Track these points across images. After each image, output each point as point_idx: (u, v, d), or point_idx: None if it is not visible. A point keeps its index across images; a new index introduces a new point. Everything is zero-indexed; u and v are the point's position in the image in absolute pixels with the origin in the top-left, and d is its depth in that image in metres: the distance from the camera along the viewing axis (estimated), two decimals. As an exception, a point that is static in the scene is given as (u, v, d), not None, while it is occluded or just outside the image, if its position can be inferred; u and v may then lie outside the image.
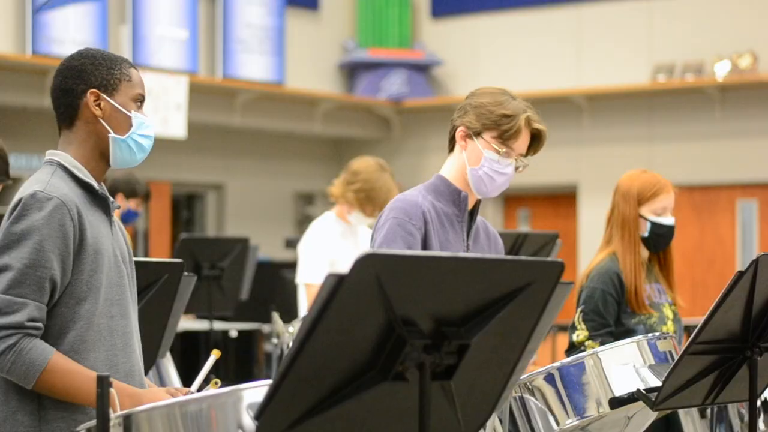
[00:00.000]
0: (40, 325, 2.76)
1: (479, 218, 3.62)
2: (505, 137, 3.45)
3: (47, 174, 2.88)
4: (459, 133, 3.51)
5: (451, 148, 3.56)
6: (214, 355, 3.07)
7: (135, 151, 2.96)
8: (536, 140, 3.50)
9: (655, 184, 4.47)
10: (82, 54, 2.98)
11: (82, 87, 2.93)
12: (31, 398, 2.79)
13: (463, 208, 3.51)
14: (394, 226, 3.38)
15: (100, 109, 2.93)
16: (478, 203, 3.57)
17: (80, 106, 2.93)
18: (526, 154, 3.50)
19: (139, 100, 2.98)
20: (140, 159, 2.99)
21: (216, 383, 3.06)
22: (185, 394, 2.95)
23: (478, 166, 3.47)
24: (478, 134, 3.47)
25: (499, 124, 3.45)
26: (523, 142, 3.47)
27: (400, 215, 3.40)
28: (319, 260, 5.77)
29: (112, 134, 2.93)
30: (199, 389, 3.07)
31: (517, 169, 3.49)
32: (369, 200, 5.69)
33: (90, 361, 2.81)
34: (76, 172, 2.90)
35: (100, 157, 2.95)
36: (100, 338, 2.83)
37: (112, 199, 2.96)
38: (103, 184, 2.98)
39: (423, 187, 3.54)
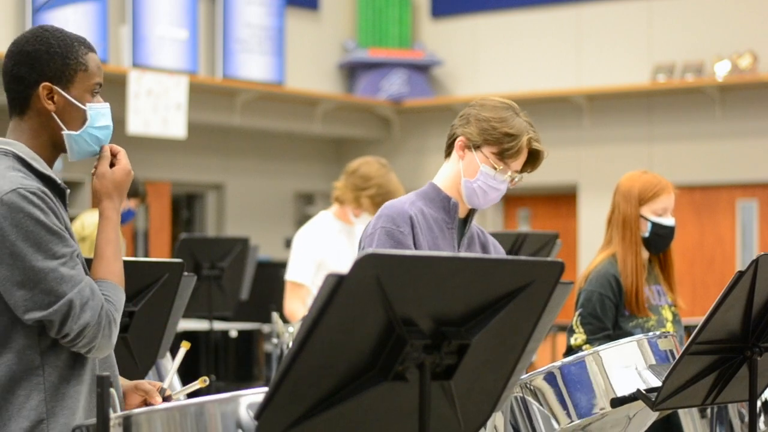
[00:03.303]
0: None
1: (476, 228, 3.62)
2: (505, 155, 3.46)
3: (7, 168, 2.73)
4: (458, 142, 3.51)
5: (448, 154, 3.56)
6: (184, 347, 3.05)
7: (92, 145, 2.85)
8: (534, 159, 3.51)
9: (656, 185, 4.47)
10: (37, 38, 2.80)
11: (34, 77, 2.78)
12: (33, 397, 2.73)
13: (452, 215, 3.50)
14: (383, 237, 3.39)
15: (53, 102, 2.79)
16: (472, 212, 3.57)
17: (31, 96, 2.79)
18: (521, 171, 3.51)
19: (96, 88, 2.84)
20: (98, 150, 2.87)
21: (204, 380, 3.05)
22: (159, 389, 2.94)
23: (474, 179, 3.48)
24: (477, 147, 3.48)
25: (500, 142, 3.45)
26: (521, 160, 3.48)
27: (388, 224, 3.40)
28: (306, 260, 5.78)
29: (65, 131, 2.80)
30: (189, 388, 3.04)
31: (512, 181, 3.49)
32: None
33: (78, 367, 2.77)
34: (35, 164, 2.77)
35: (54, 147, 2.83)
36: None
37: (68, 189, 2.86)
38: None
39: (414, 194, 3.55)
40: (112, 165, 2.90)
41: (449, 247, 3.49)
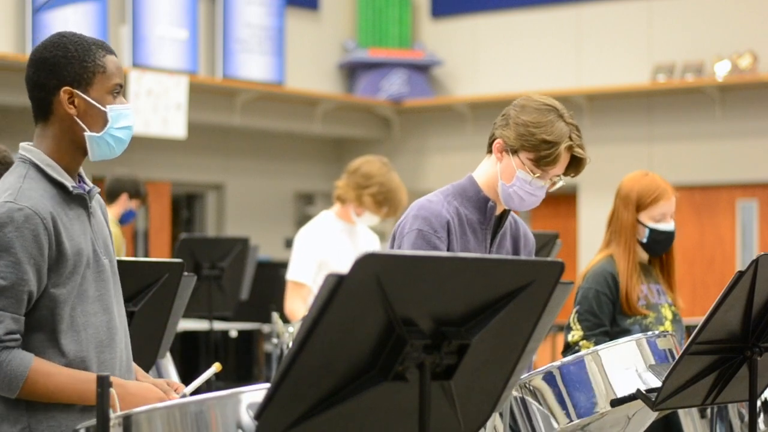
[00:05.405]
0: (17, 336, 2.68)
1: (510, 219, 3.56)
2: (542, 163, 3.37)
3: (18, 178, 2.77)
4: (496, 145, 3.43)
5: (490, 151, 3.48)
6: (215, 368, 3.06)
7: (114, 146, 2.86)
8: (577, 164, 3.42)
9: (655, 190, 4.45)
10: (54, 44, 2.83)
11: (55, 83, 2.81)
12: (17, 406, 2.73)
13: (488, 216, 3.45)
14: (419, 240, 3.33)
15: (75, 106, 2.81)
16: (508, 209, 3.52)
17: (53, 102, 2.82)
18: (566, 175, 3.43)
19: (116, 89, 2.86)
20: (119, 152, 2.89)
21: (218, 365, 3.06)
22: (177, 391, 2.92)
23: (510, 183, 3.41)
24: (514, 151, 3.39)
25: (537, 149, 3.36)
26: (560, 167, 3.40)
27: (425, 227, 3.34)
28: (308, 259, 5.78)
29: (87, 132, 2.82)
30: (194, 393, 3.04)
31: (552, 185, 3.42)
32: (387, 201, 5.74)
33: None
34: (49, 171, 2.80)
35: (77, 150, 2.85)
36: (84, 337, 2.77)
37: (90, 187, 2.88)
38: (82, 171, 2.89)
39: (451, 188, 3.48)
40: None
41: (481, 248, 3.43)
